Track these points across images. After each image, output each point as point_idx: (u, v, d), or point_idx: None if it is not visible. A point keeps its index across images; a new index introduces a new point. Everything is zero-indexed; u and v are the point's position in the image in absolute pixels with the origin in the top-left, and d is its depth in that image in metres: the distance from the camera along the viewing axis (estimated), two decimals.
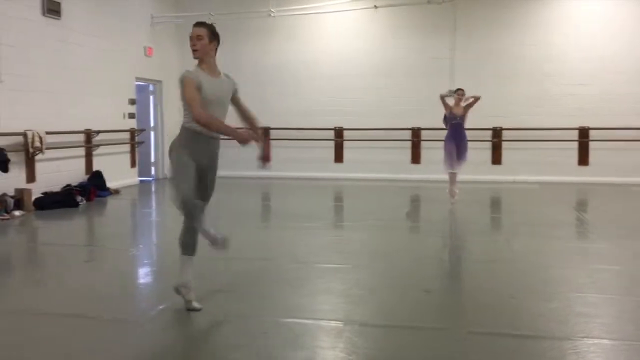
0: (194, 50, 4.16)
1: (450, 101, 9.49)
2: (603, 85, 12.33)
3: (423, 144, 13.06)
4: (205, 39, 4.13)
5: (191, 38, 4.16)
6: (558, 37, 12.51)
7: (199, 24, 4.20)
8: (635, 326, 4.05)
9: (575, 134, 12.52)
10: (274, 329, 3.96)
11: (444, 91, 10.00)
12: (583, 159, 12.58)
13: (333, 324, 4.09)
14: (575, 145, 12.57)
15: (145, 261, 6.26)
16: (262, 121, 14.58)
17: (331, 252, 6.44)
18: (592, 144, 12.48)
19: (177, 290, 4.27)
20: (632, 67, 12.23)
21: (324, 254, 6.30)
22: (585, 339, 3.81)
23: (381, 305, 4.56)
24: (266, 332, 3.90)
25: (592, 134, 12.43)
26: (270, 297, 4.70)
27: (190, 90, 4.03)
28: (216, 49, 4.25)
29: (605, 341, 3.80)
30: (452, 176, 9.42)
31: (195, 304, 4.25)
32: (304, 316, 4.26)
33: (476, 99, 9.35)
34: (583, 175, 12.43)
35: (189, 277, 4.28)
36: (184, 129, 4.19)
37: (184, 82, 4.06)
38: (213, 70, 4.21)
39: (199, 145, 4.09)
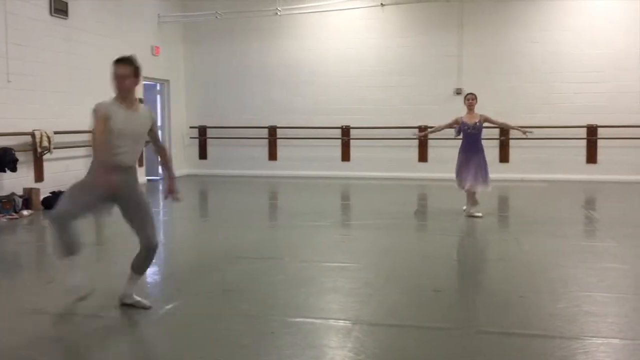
0: (119, 89, 4.11)
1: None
2: (611, 83, 12.24)
3: (430, 142, 13.02)
4: (130, 77, 4.07)
5: (115, 77, 4.08)
6: (565, 34, 12.44)
7: (122, 62, 4.08)
8: None
9: (583, 132, 12.46)
10: (281, 328, 3.96)
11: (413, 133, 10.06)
12: (591, 157, 12.51)
13: (341, 323, 4.09)
14: (584, 143, 12.50)
15: (153, 260, 6.25)
16: (269, 119, 14.48)
17: (339, 251, 6.44)
18: (600, 142, 12.41)
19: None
20: (639, 64, 12.15)
21: (331, 253, 6.30)
22: (594, 338, 3.79)
23: (390, 304, 4.55)
24: (274, 331, 3.90)
25: (601, 131, 12.36)
26: (277, 296, 4.70)
27: (96, 120, 4.06)
28: (139, 80, 4.18)
29: (615, 340, 3.78)
30: (468, 194, 8.21)
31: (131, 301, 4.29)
32: (312, 315, 4.25)
33: (503, 125, 8.83)
34: (591, 174, 12.37)
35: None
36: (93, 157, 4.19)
37: (94, 111, 4.09)
38: (130, 103, 4.13)
39: (103, 173, 4.00)
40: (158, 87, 13.60)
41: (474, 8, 12.63)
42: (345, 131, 13.52)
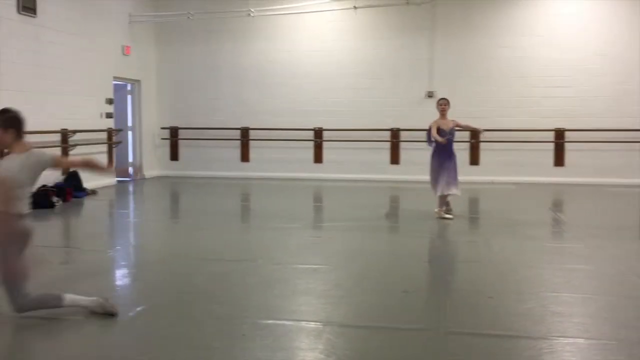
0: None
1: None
2: (578, 87, 12.51)
3: (402, 144, 13.13)
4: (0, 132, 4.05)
5: None
6: (533, 40, 12.66)
7: None
8: (610, 325, 4.11)
9: (551, 135, 12.70)
10: (253, 330, 3.95)
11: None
12: (559, 160, 12.75)
13: (313, 325, 4.10)
14: (552, 146, 12.74)
15: (123, 262, 6.20)
16: (241, 121, 14.44)
17: (310, 253, 6.45)
18: (567, 145, 12.66)
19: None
20: (607, 69, 12.43)
21: (303, 255, 6.31)
22: (560, 338, 3.87)
23: (360, 306, 4.57)
24: (245, 334, 3.89)
25: (568, 135, 12.62)
26: (249, 298, 4.69)
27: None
28: (16, 129, 4.10)
29: (581, 340, 3.86)
30: (440, 198, 8.26)
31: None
32: (284, 317, 4.25)
33: (473, 130, 8.70)
34: (559, 176, 12.61)
35: (84, 301, 4.20)
36: None
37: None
38: (20, 149, 4.09)
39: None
40: (129, 87, 13.43)
41: (446, 12, 12.78)
42: (318, 133, 13.54)
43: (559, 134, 12.66)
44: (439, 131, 8.14)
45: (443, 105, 8.24)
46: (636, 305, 4.54)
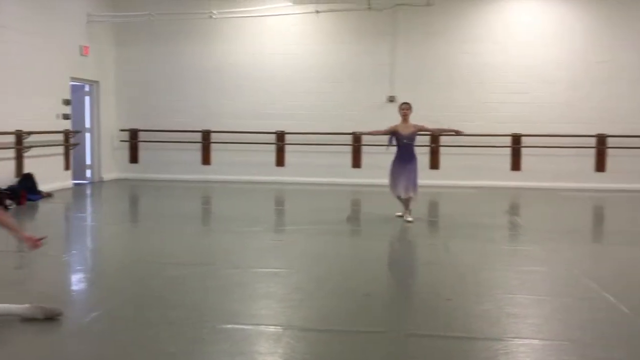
0: None
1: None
2: (534, 94, 12.83)
3: (364, 148, 13.22)
4: None
5: None
6: (492, 47, 12.93)
7: None
8: (563, 326, 4.22)
9: (509, 140, 12.98)
10: (211, 335, 3.92)
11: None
12: (516, 165, 13.04)
13: (272, 329, 4.08)
14: (509, 151, 13.02)
15: (79, 267, 6.07)
16: (203, 123, 14.25)
17: (271, 256, 6.43)
18: (524, 150, 12.96)
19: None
20: (562, 76, 12.78)
21: (264, 259, 6.28)
22: (515, 339, 3.95)
23: (321, 309, 4.58)
24: (203, 338, 3.85)
25: (524, 140, 12.92)
26: (208, 303, 4.64)
27: None
28: None
29: (535, 341, 3.95)
30: (402, 201, 8.35)
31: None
32: (243, 322, 4.23)
33: (438, 131, 8.52)
34: (516, 180, 12.89)
35: (19, 309, 4.06)
36: None
37: None
38: None
39: None
40: (87, 88, 13.16)
41: (407, 18, 12.93)
42: (280, 136, 13.52)
43: (516, 139, 12.95)
44: (398, 135, 8.22)
45: (405, 109, 8.28)
46: (588, 307, 4.67)
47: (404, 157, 8.27)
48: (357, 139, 13.25)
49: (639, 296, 4.98)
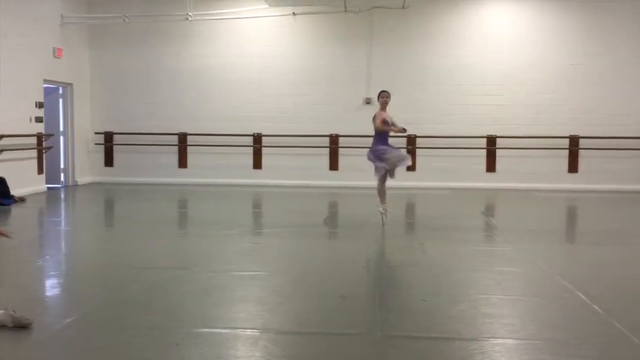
0: None
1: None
2: (509, 96, 13.01)
3: (341, 150, 13.26)
4: None
5: None
6: (467, 49, 13.07)
7: None
8: (536, 325, 4.28)
9: (483, 142, 13.12)
10: (187, 339, 3.89)
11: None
12: (490, 166, 13.20)
13: (249, 332, 4.07)
14: (484, 153, 13.16)
15: (52, 272, 5.98)
16: (179, 126, 14.13)
17: (248, 259, 6.41)
18: (498, 152, 13.12)
19: None
20: (535, 79, 12.98)
21: (241, 262, 6.26)
22: (491, 339, 3.99)
23: (298, 312, 4.58)
24: (179, 343, 3.82)
25: (499, 142, 13.08)
26: (184, 307, 4.61)
27: None
28: None
29: (510, 341, 4.00)
30: (380, 193, 8.29)
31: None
32: (220, 326, 4.21)
33: (399, 130, 8.16)
34: (491, 182, 13.05)
35: None
36: None
37: None
38: None
39: None
40: (60, 91, 12.99)
41: (383, 21, 13.01)
42: (257, 139, 13.49)
43: (491, 141, 13.11)
44: (385, 121, 8.08)
45: (385, 97, 8.17)
46: (560, 306, 4.74)
47: (384, 141, 8.12)
48: (334, 141, 13.28)
49: (611, 295, 5.07)
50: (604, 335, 4.08)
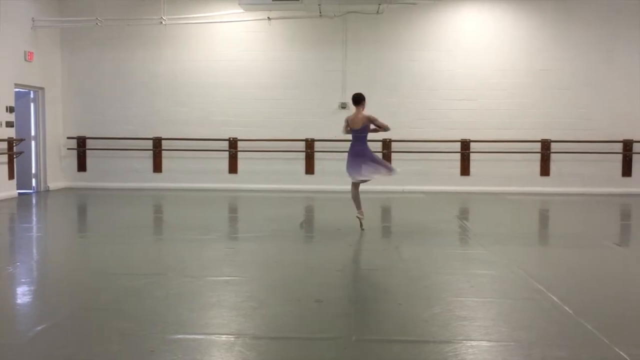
0: None
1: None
2: (482, 101, 13.20)
3: (317, 154, 13.29)
4: None
5: None
6: (440, 54, 13.23)
7: None
8: (509, 328, 4.34)
9: (457, 146, 13.27)
10: (162, 346, 3.86)
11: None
12: (465, 170, 13.35)
13: (224, 338, 4.05)
14: (458, 156, 13.31)
15: (23, 280, 5.88)
16: (154, 130, 14.05)
17: (223, 264, 6.39)
18: (472, 156, 13.28)
19: None
20: (508, 84, 13.19)
21: (216, 267, 6.23)
22: (464, 341, 4.04)
23: (273, 317, 4.57)
24: (153, 350, 3.79)
25: (473, 146, 13.24)
26: (158, 313, 4.57)
27: None
28: None
29: (483, 343, 4.05)
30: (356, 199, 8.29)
31: None
32: (194, 331, 4.18)
33: (384, 128, 8.17)
34: (465, 185, 13.20)
35: None
36: None
37: None
38: None
39: None
40: (32, 95, 12.80)
41: (357, 25, 13.10)
42: (233, 143, 13.45)
43: (465, 145, 13.26)
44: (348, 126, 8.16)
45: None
46: (532, 307, 4.82)
47: (357, 145, 8.13)
48: (310, 145, 13.31)
49: (582, 297, 5.17)
50: (575, 335, 4.15)
